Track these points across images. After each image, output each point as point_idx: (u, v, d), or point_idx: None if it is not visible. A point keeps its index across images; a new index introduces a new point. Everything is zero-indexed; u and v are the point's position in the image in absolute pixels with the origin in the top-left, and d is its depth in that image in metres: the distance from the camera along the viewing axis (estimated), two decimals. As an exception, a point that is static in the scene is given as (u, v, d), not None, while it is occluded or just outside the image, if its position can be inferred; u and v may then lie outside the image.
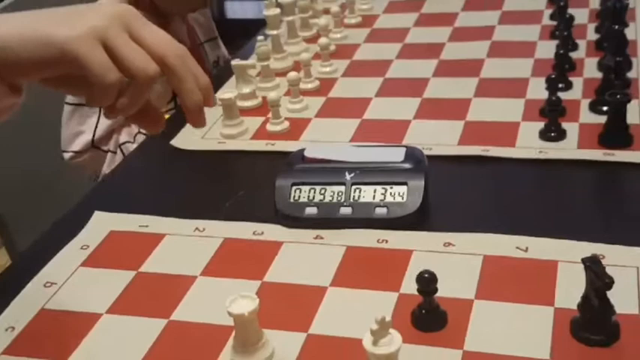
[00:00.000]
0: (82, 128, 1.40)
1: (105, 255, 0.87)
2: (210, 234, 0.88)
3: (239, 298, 0.67)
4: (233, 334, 0.69)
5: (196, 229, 0.89)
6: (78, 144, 1.40)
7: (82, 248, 0.88)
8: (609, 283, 0.65)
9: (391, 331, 0.57)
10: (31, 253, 0.94)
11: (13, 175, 1.47)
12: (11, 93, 0.64)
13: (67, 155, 1.42)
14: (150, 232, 0.90)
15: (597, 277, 0.66)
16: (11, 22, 0.63)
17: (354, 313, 0.72)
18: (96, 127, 1.37)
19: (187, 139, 1.10)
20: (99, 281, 0.82)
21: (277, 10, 1.27)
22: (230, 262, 0.83)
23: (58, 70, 0.62)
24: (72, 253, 0.87)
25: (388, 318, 0.57)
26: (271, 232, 0.87)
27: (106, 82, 0.59)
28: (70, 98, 1.39)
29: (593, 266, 0.66)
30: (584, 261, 0.67)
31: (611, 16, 1.18)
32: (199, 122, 0.69)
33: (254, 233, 0.87)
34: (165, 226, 0.90)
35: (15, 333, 0.75)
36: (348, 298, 0.76)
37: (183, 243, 0.87)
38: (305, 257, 0.83)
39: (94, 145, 1.38)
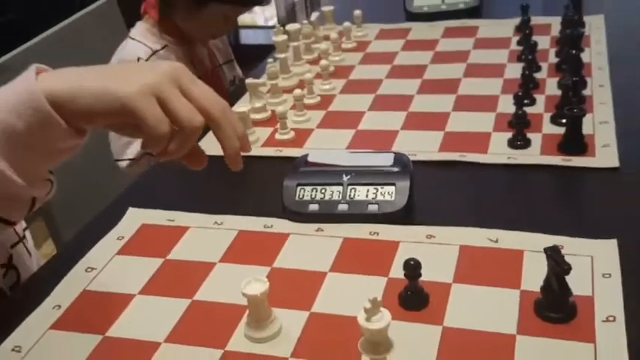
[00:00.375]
0: (130, 139, 1.34)
1: (137, 244, 0.86)
2: (228, 227, 0.87)
3: (252, 281, 0.67)
4: (247, 312, 0.68)
5: (215, 222, 0.88)
6: (131, 152, 1.35)
7: (118, 239, 0.87)
8: (567, 269, 0.65)
9: (382, 309, 0.56)
10: (75, 243, 0.93)
11: (62, 174, 1.47)
12: (77, 135, 0.64)
13: (123, 164, 1.37)
14: (176, 225, 0.89)
15: (557, 264, 0.65)
16: (82, 76, 0.64)
17: (350, 294, 0.71)
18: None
19: (209, 146, 1.09)
20: (132, 267, 0.82)
21: (284, 37, 1.25)
22: (244, 250, 0.83)
23: (119, 119, 0.62)
24: (109, 242, 0.87)
25: (379, 299, 0.56)
26: (279, 225, 0.86)
27: (158, 133, 0.60)
28: None
29: (554, 255, 0.66)
30: (545, 250, 0.66)
31: (570, 43, 1.16)
32: (237, 165, 0.68)
33: (264, 226, 0.86)
34: (189, 220, 0.89)
35: (61, 311, 0.75)
36: (344, 282, 0.75)
37: (204, 234, 0.86)
38: (308, 247, 0.82)
39: (146, 152, 1.35)
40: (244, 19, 1.46)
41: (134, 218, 0.91)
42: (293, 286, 0.75)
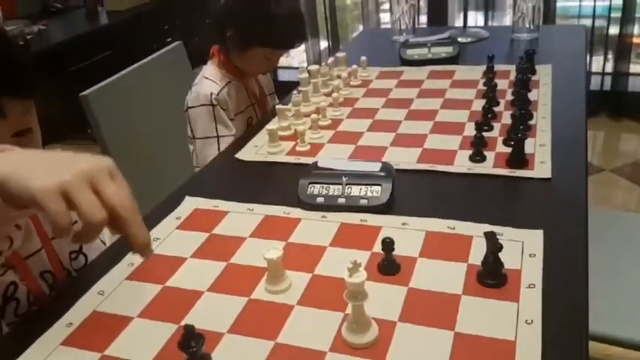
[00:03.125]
0: (209, 153, 1.33)
1: (191, 223, 0.90)
2: (257, 212, 0.90)
3: (271, 250, 0.71)
4: (267, 272, 0.73)
5: (248, 209, 0.92)
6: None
7: (176, 218, 0.91)
8: (500, 247, 0.69)
9: (360, 269, 0.61)
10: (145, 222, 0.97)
11: (137, 165, 1.48)
12: (15, 209, 0.57)
13: None
14: (219, 210, 0.92)
15: (492, 244, 0.69)
16: (18, 163, 0.56)
17: (343, 263, 0.71)
18: (219, 150, 1.32)
19: (246, 154, 1.12)
20: (187, 239, 0.85)
21: (306, 75, 1.29)
22: (268, 229, 0.86)
23: (32, 207, 0.54)
24: (170, 221, 0.90)
25: (359, 262, 0.61)
26: (295, 212, 0.89)
27: (59, 225, 0.53)
28: (200, 134, 1.35)
29: (491, 237, 0.69)
30: (485, 234, 0.70)
31: (520, 84, 1.21)
32: (146, 256, 0.58)
33: (284, 212, 0.90)
34: (228, 206, 0.93)
35: (133, 268, 0.79)
36: (339, 254, 0.78)
37: (239, 217, 0.90)
38: (314, 229, 0.85)
39: None
40: (282, 61, 1.45)
41: (189, 204, 0.95)
42: (301, 255, 0.79)
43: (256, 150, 1.14)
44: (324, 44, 3.61)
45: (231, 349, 0.64)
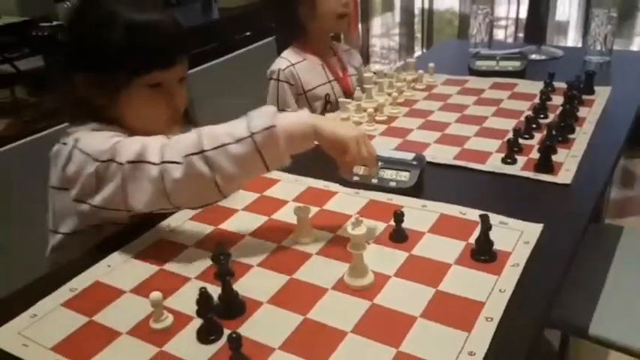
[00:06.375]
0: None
1: (249, 184, 1.03)
2: (302, 183, 1.05)
3: (301, 207, 0.86)
4: (296, 226, 0.88)
5: (296, 180, 1.06)
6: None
7: None
8: (489, 227, 0.79)
9: (361, 225, 0.74)
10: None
11: None
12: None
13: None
14: (272, 177, 1.06)
15: (484, 223, 0.80)
16: (321, 121, 0.85)
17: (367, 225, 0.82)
18: None
19: None
20: (242, 193, 1.01)
21: (371, 74, 1.40)
22: (308, 197, 1.00)
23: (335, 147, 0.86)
24: None
25: (360, 218, 0.74)
26: (333, 187, 1.03)
27: (350, 160, 0.85)
28: (268, 103, 1.50)
29: (484, 218, 0.80)
30: (480, 216, 0.81)
31: (568, 100, 1.27)
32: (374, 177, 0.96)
33: (324, 186, 1.03)
34: (281, 175, 1.06)
35: (141, 247, 0.97)
36: (365, 221, 0.84)
37: (289, 185, 1.04)
38: (346, 202, 0.98)
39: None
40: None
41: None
42: (330, 220, 0.92)
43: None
44: (418, 52, 3.72)
45: (255, 279, 0.80)
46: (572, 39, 3.12)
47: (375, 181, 1.02)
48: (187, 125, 0.99)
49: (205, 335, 0.69)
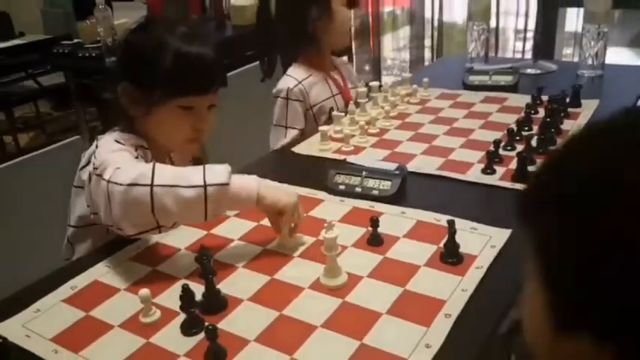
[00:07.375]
0: (277, 138, 1.51)
1: None
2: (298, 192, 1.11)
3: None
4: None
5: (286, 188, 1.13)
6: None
7: None
8: (454, 231, 0.85)
9: (334, 229, 0.80)
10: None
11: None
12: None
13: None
14: None
15: (450, 227, 0.86)
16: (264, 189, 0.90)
17: (343, 233, 0.87)
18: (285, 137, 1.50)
19: (302, 149, 1.34)
20: None
21: (364, 89, 1.47)
22: (301, 204, 1.01)
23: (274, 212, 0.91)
24: None
25: (333, 222, 0.81)
26: (320, 194, 1.09)
27: (286, 222, 0.91)
28: (275, 121, 1.54)
29: (451, 223, 0.86)
30: (447, 221, 0.86)
31: (550, 113, 1.32)
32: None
33: (310, 193, 1.10)
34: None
35: (137, 250, 1.05)
36: (344, 227, 0.96)
37: None
38: (332, 208, 1.04)
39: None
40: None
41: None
42: (314, 224, 0.97)
43: (309, 146, 1.35)
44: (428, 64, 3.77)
45: (239, 279, 0.87)
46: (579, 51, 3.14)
47: (359, 189, 1.08)
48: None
49: (188, 328, 0.76)
